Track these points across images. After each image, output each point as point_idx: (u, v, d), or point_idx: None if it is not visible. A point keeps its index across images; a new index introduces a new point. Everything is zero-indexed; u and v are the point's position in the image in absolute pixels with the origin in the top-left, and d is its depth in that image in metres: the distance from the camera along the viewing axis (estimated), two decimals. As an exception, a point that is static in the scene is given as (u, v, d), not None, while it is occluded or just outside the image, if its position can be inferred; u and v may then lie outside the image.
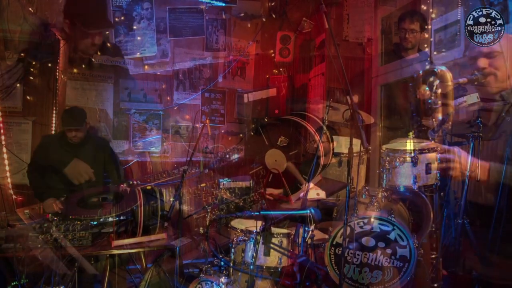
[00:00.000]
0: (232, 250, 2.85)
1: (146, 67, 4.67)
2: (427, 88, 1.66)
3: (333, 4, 4.31)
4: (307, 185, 2.78)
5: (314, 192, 2.81)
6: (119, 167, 3.86)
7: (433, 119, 1.67)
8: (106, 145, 3.75)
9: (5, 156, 3.98)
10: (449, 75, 1.70)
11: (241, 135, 5.12)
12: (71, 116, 3.46)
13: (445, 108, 1.67)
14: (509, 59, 1.89)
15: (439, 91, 1.65)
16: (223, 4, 4.86)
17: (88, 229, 2.86)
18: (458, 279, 1.93)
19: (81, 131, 3.45)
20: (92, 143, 3.59)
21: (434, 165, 1.79)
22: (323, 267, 2.05)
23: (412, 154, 1.82)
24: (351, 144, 2.04)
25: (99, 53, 4.39)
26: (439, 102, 1.64)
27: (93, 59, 4.38)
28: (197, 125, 4.86)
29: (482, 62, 1.92)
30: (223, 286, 2.68)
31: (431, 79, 1.66)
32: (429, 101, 1.65)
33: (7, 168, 3.99)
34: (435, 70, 1.71)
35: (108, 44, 4.36)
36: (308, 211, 2.00)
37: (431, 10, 3.23)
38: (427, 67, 1.69)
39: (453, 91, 1.68)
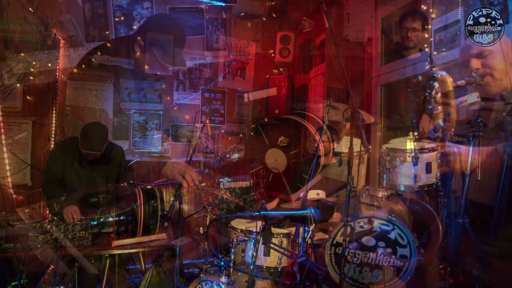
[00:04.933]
0: (232, 250, 2.84)
1: (146, 67, 4.67)
2: (427, 94, 1.67)
3: (333, 3, 4.31)
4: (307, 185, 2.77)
5: (314, 192, 2.81)
6: (128, 171, 3.77)
7: (434, 125, 1.68)
8: (121, 152, 3.56)
9: (5, 156, 3.98)
10: (449, 80, 1.71)
11: (241, 135, 5.12)
12: (92, 142, 3.14)
13: (446, 109, 1.67)
14: (508, 60, 1.87)
15: (439, 95, 1.66)
16: (223, 4, 4.86)
17: (88, 229, 2.87)
18: (459, 279, 1.94)
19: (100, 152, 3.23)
20: (108, 153, 3.38)
21: (435, 165, 1.79)
22: (323, 267, 2.04)
23: (413, 154, 1.82)
24: (351, 144, 2.05)
25: (99, 53, 4.40)
26: (439, 107, 1.65)
27: (93, 59, 4.38)
28: (197, 125, 4.85)
29: (474, 63, 1.93)
30: (223, 286, 2.68)
31: (431, 83, 1.68)
32: (430, 107, 1.68)
33: (7, 168, 3.99)
34: (435, 75, 1.72)
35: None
36: (308, 211, 2.00)
37: (431, 10, 3.23)
38: (427, 67, 1.71)
39: (453, 94, 1.68)
